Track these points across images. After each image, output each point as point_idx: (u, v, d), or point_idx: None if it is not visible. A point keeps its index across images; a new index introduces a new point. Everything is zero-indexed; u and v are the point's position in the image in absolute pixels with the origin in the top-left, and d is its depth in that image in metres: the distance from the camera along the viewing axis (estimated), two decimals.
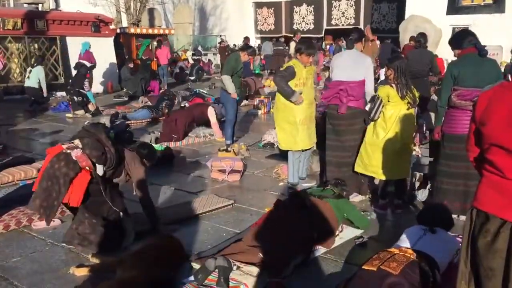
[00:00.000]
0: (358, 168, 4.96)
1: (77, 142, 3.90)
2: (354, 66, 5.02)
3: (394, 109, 4.63)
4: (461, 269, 2.09)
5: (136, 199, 4.18)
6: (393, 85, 4.63)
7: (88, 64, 11.26)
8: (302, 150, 5.38)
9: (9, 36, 13.33)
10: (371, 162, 4.79)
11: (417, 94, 4.74)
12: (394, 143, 4.65)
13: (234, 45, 23.15)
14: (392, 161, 4.68)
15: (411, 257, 2.80)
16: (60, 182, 3.72)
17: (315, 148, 5.72)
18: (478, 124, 2.01)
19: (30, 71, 11.39)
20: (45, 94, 11.50)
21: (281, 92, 5.12)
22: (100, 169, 3.88)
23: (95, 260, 3.61)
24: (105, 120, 8.70)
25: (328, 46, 25.14)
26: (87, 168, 3.81)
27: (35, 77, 11.21)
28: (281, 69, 5.16)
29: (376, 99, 4.66)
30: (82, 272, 3.41)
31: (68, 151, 3.81)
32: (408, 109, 4.65)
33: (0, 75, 13.08)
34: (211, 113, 8.39)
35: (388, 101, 4.63)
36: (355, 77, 4.99)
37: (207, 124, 8.54)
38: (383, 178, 4.77)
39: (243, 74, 8.27)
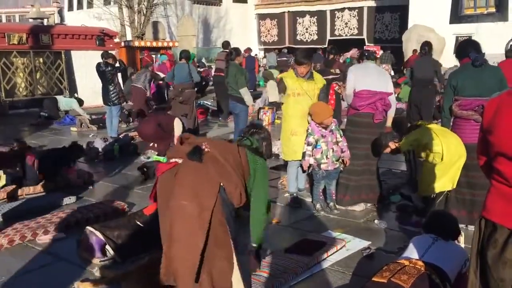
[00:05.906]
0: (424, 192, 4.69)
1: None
2: (380, 78, 5.06)
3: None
4: (471, 280, 2.06)
5: None
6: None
7: (161, 75, 12.84)
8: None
9: (14, 51, 13.42)
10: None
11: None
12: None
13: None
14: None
15: (422, 269, 2.75)
16: None
17: None
18: (485, 132, 1.99)
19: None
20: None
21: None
22: None
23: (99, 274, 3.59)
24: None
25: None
26: None
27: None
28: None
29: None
30: (87, 286, 3.38)
31: None
32: None
33: (6, 89, 13.19)
34: (177, 125, 7.65)
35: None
36: (385, 89, 5.00)
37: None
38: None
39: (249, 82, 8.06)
